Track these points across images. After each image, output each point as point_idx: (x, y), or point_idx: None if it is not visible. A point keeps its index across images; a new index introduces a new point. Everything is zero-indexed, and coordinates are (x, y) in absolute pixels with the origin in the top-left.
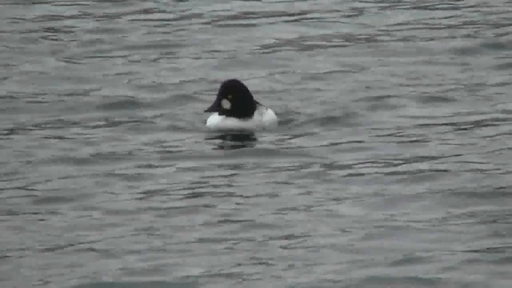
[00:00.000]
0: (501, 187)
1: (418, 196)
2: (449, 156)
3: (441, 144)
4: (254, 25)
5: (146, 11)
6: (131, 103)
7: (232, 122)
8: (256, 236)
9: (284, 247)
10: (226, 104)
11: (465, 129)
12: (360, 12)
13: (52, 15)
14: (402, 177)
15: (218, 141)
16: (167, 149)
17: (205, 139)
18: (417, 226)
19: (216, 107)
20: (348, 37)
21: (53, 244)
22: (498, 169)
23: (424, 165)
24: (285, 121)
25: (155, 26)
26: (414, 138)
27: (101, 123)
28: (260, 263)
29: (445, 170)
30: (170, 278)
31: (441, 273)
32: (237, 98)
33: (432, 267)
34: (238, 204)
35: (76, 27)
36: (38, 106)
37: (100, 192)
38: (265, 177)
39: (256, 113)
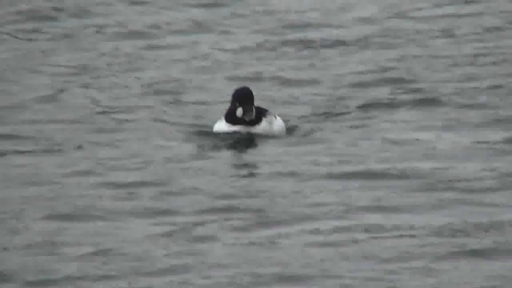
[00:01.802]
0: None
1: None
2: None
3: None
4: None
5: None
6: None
7: (242, 129)
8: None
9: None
10: (239, 112)
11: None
12: None
13: None
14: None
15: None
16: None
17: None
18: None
19: (252, 115)
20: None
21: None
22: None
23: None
24: (293, 127)
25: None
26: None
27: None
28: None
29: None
30: None
31: None
32: (248, 106)
33: None
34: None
35: None
36: None
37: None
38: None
39: (264, 120)
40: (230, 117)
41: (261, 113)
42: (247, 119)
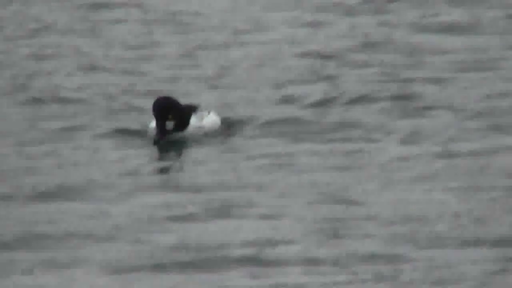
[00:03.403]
0: None
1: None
2: None
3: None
4: None
5: None
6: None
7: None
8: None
9: None
10: (169, 125)
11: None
12: None
13: None
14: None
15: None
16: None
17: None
18: None
19: (165, 133)
20: None
21: None
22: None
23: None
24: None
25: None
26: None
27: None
28: None
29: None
30: None
31: None
32: (176, 115)
33: None
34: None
35: None
36: None
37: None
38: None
39: (192, 120)
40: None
41: (189, 112)
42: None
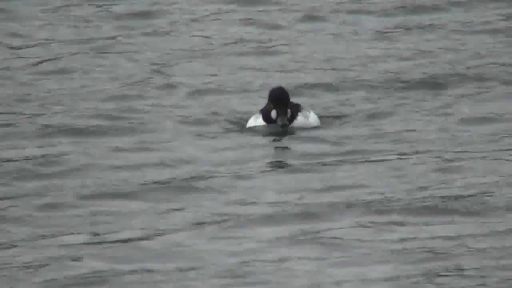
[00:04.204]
0: None
1: None
2: None
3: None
4: None
5: None
6: None
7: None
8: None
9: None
10: (289, 113)
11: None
12: None
13: None
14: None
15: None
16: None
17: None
18: None
19: (286, 116)
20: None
21: None
22: None
23: None
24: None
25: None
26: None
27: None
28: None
29: None
30: None
31: None
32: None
33: None
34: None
35: None
36: None
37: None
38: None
39: (300, 115)
40: (266, 117)
41: (296, 109)
42: (280, 123)
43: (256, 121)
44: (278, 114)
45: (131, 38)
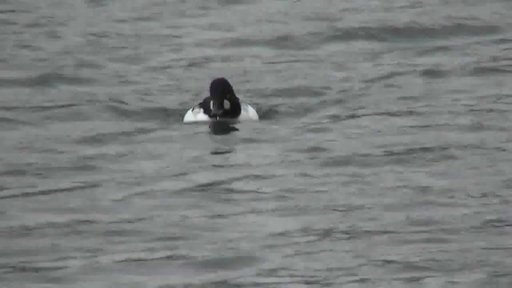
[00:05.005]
0: None
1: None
2: None
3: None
4: None
5: None
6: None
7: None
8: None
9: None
10: (226, 105)
11: None
12: None
13: None
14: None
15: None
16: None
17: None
18: None
19: (221, 109)
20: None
21: None
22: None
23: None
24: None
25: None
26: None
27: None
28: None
29: None
30: None
31: None
32: (231, 99)
33: None
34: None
35: None
36: None
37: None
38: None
39: (242, 111)
40: (206, 108)
41: (238, 103)
42: (212, 112)
43: (196, 116)
44: (214, 105)
45: None
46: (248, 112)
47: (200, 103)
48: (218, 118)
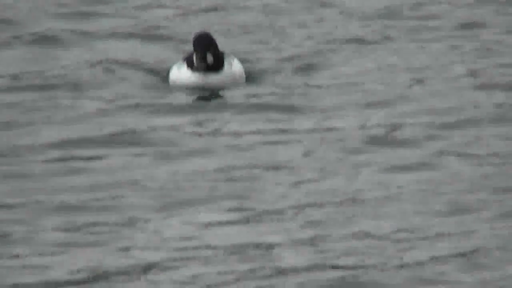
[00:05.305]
0: None
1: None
2: None
3: None
4: None
5: None
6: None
7: (203, 78)
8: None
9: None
10: (209, 59)
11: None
12: None
13: None
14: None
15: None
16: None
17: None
18: None
19: (204, 62)
20: None
21: None
22: None
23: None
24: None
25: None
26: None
27: None
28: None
29: None
30: None
31: None
32: (214, 53)
33: None
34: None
35: None
36: None
37: None
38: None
39: (226, 65)
40: (190, 62)
41: (223, 56)
42: (196, 66)
43: (180, 71)
44: (196, 58)
45: None
46: (233, 66)
47: (185, 58)
48: (201, 73)
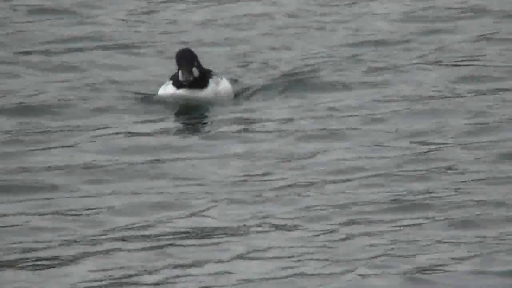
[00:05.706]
0: None
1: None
2: None
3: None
4: None
5: None
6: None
7: (188, 93)
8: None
9: None
10: (195, 72)
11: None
12: None
13: None
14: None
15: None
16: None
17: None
18: None
19: (190, 74)
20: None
21: None
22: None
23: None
24: (241, 90)
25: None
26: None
27: None
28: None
29: None
30: None
31: None
32: (199, 68)
33: None
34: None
35: None
36: None
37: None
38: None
39: (211, 82)
40: (176, 80)
41: (207, 75)
42: (182, 80)
43: (166, 88)
44: (182, 73)
45: None
46: (220, 84)
47: (170, 77)
48: (186, 87)
